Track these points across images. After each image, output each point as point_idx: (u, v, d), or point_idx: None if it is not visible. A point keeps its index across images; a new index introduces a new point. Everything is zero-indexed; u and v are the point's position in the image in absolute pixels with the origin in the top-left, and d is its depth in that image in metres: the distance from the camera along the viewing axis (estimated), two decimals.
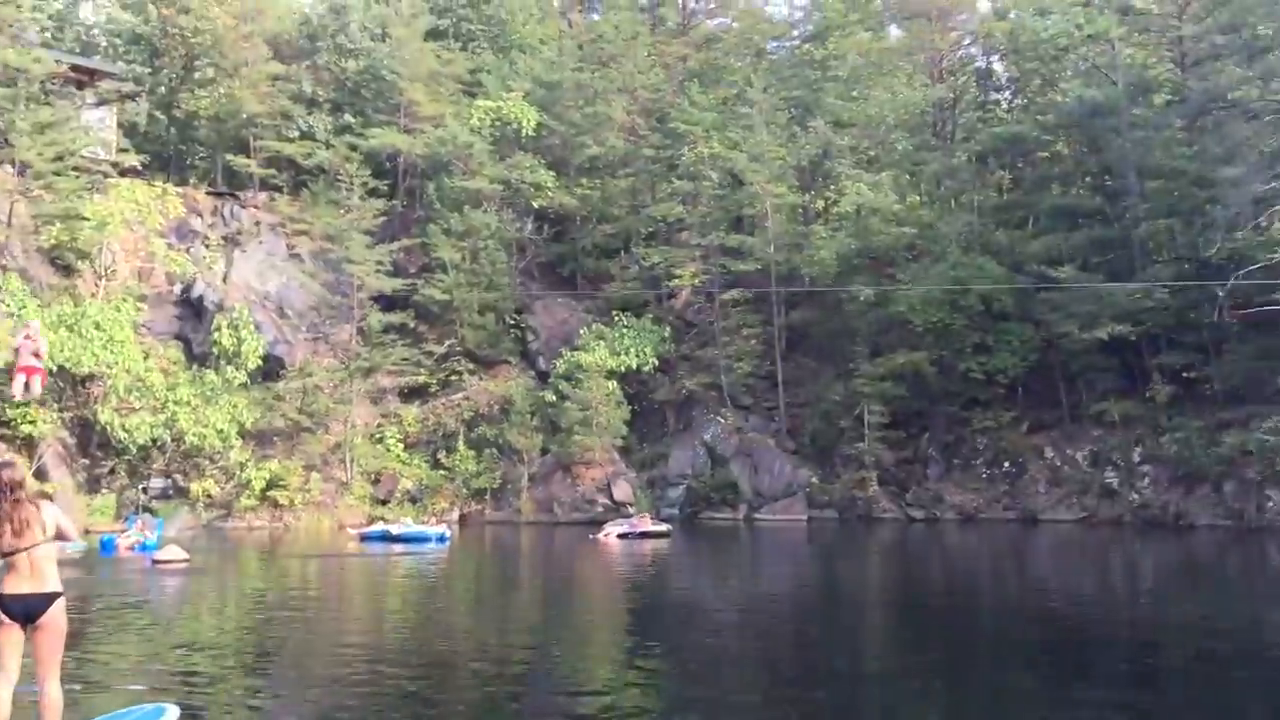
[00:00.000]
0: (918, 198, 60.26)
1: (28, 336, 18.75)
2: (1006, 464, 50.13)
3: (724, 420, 52.70)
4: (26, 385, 19.06)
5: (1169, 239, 48.48)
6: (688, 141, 56.32)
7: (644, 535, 40.37)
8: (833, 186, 59.64)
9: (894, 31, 67.54)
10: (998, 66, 63.53)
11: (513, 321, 55.06)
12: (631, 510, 46.54)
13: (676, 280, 55.16)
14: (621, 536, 39.84)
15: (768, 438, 52.52)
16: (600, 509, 47.92)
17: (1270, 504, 41.54)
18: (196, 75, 57.00)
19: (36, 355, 18.60)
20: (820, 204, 62.58)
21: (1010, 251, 51.45)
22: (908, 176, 58.66)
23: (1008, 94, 64.26)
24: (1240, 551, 35.86)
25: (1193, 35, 50.54)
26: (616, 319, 53.62)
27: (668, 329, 54.38)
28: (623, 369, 51.19)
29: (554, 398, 50.18)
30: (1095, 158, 53.67)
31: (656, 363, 52.82)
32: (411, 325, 52.62)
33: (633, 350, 51.85)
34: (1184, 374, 45.81)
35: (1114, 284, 45.79)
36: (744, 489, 50.76)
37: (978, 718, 13.51)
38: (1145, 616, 22.66)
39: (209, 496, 45.45)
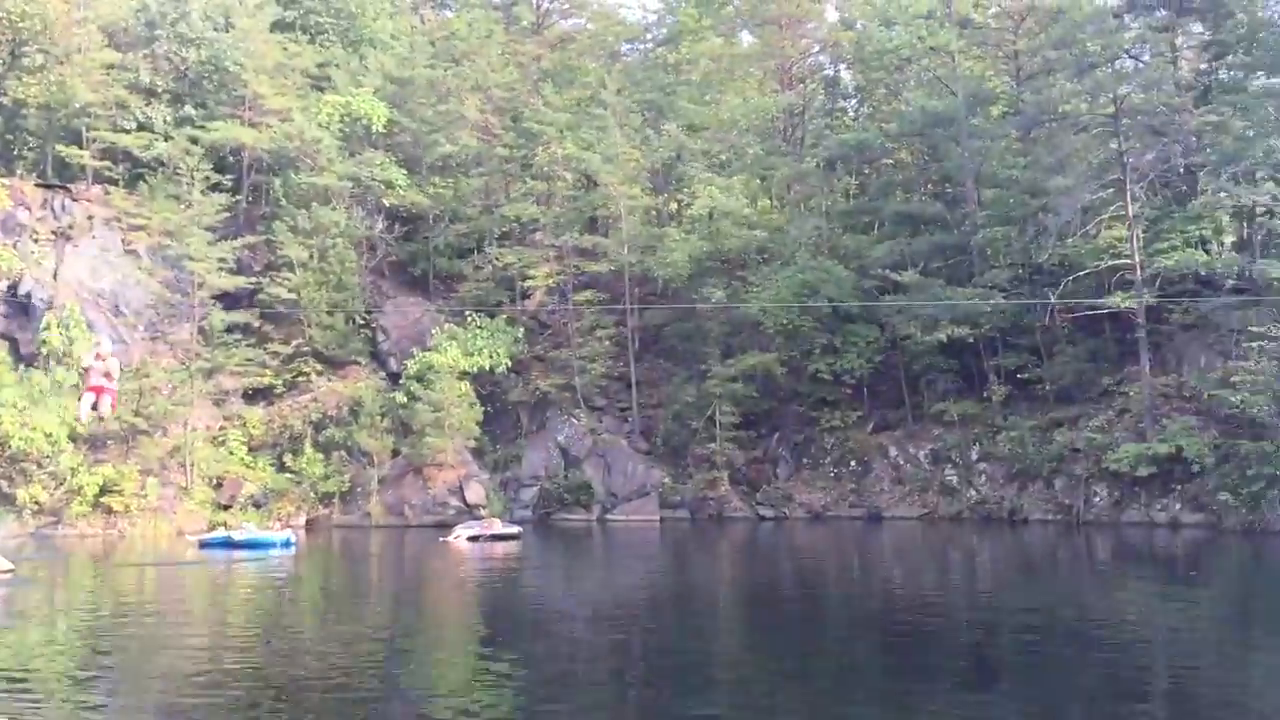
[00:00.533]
0: (768, 202, 61.32)
1: (98, 356, 18.07)
2: (853, 463, 51.38)
3: (577, 421, 52.65)
4: (94, 405, 18.32)
5: (1005, 245, 50.45)
6: (541, 141, 56.06)
7: (495, 538, 40.02)
8: (685, 189, 60.12)
9: (745, 38, 68.48)
10: (845, 75, 65.19)
11: (362, 321, 53.88)
12: (483, 512, 46.09)
13: (530, 281, 54.79)
14: (472, 539, 39.41)
15: (621, 438, 52.68)
16: (453, 511, 47.29)
17: (1097, 499, 43.61)
18: (25, 61, 54.05)
19: (107, 376, 17.92)
20: (673, 206, 63.08)
21: (856, 255, 52.74)
22: (759, 181, 59.63)
23: (855, 102, 65.99)
24: (1069, 545, 37.58)
25: (1027, 50, 52.75)
26: (469, 319, 52.98)
27: (521, 330, 54.01)
28: (475, 370, 50.61)
29: (405, 399, 49.33)
30: (936, 166, 55.56)
31: (510, 363, 52.40)
32: (256, 325, 51.03)
33: (486, 351, 51.32)
34: (1018, 375, 47.70)
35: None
36: (597, 490, 50.81)
37: (827, 714, 13.75)
38: (983, 609, 23.51)
39: (37, 503, 43.21)
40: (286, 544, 37.96)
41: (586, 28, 69.00)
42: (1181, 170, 46.79)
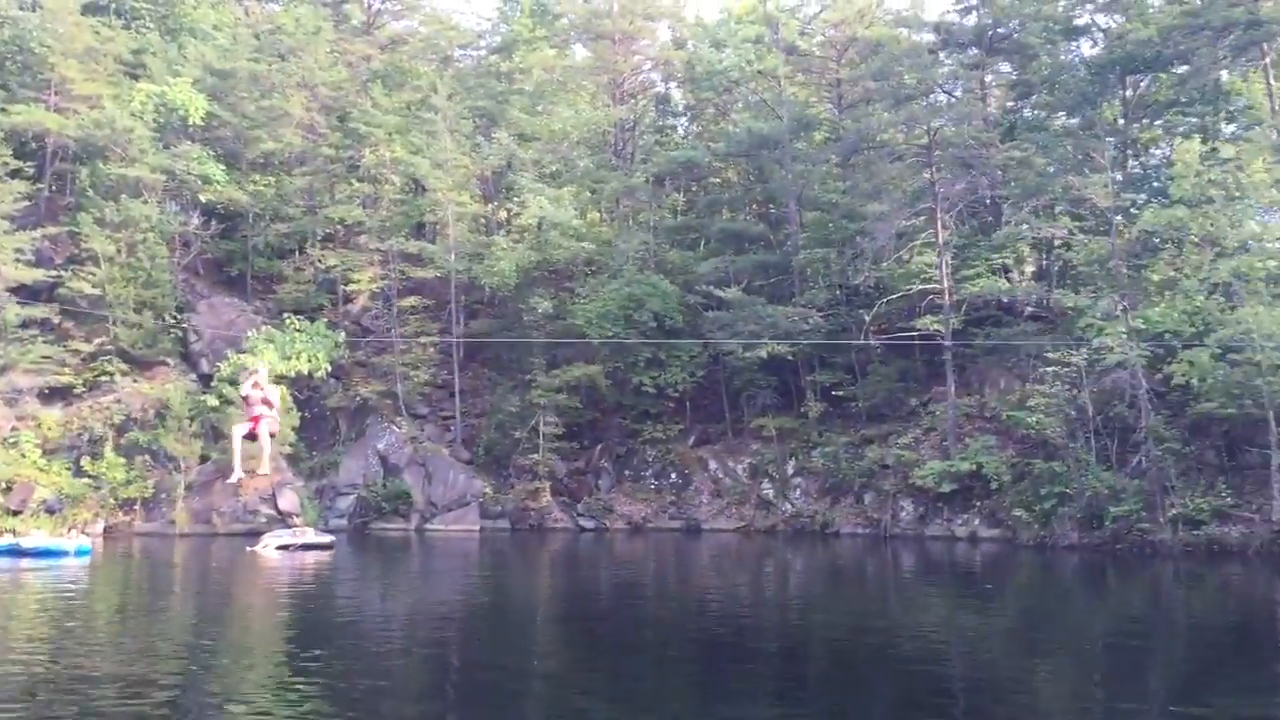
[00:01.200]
0: (597, 214, 61.66)
1: (256, 385, 16.45)
2: (674, 475, 52.10)
3: (398, 429, 51.74)
4: (252, 435, 16.67)
5: (824, 266, 52.01)
6: (369, 143, 55.01)
7: (306, 547, 38.92)
8: (515, 198, 59.94)
9: (579, 51, 68.85)
10: (676, 93, 66.23)
11: (173, 320, 51.54)
12: (297, 520, 44.76)
13: (353, 285, 53.69)
14: (281, 548, 38.23)
15: (442, 447, 52.02)
16: (264, 519, 45.71)
17: (903, 513, 45.37)
18: None
19: (266, 403, 16.37)
20: (502, 215, 62.79)
21: (682, 271, 53.62)
22: (589, 193, 59.89)
23: (684, 120, 67.08)
24: (877, 557, 38.93)
25: (849, 79, 54.74)
26: (288, 322, 51.42)
27: (342, 334, 52.67)
28: (293, 374, 49.13)
29: (216, 402, 47.44)
30: (761, 187, 56.97)
31: (329, 369, 51.08)
32: (55, 320, 48.23)
33: (304, 355, 49.86)
34: (834, 392, 49.23)
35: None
36: (416, 499, 49.99)
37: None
38: (794, 620, 24.13)
39: None
40: (81, 552, 36.06)
41: (419, 31, 68.06)
42: (988, 202, 49.26)
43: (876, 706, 14.72)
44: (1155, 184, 47.08)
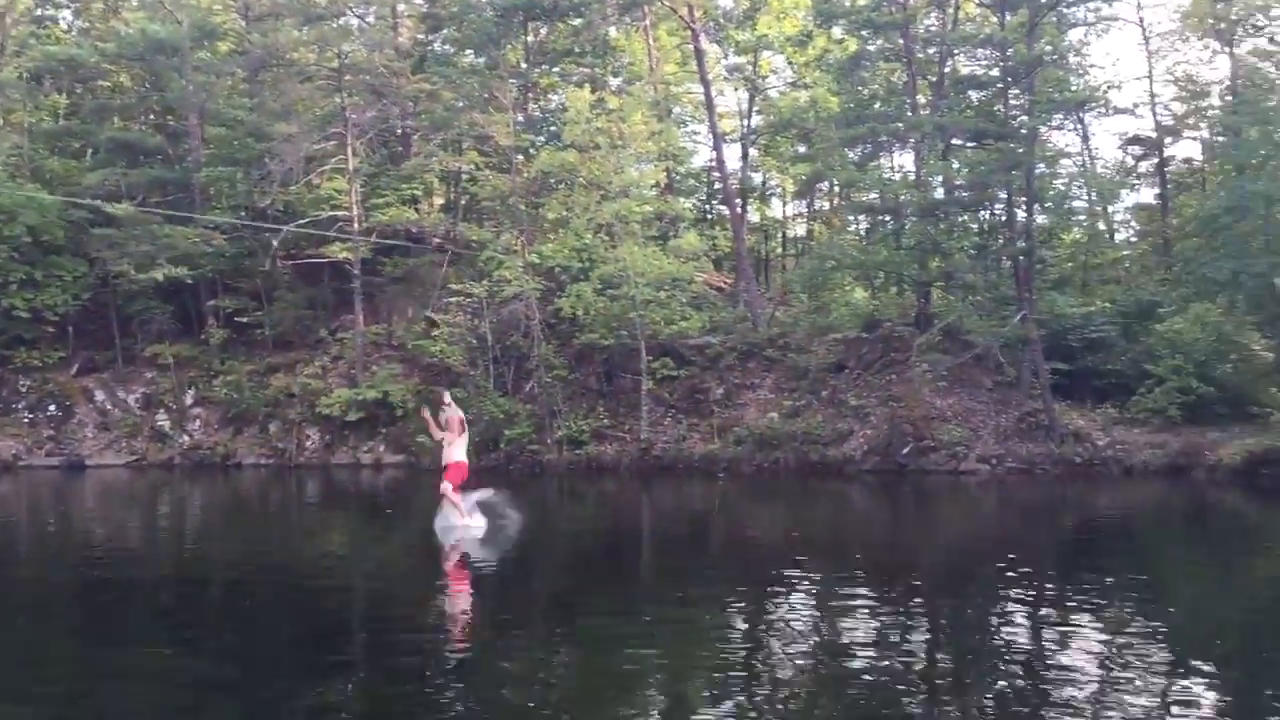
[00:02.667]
0: None
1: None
2: (53, 407, 47.29)
3: None
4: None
5: (229, 186, 49.66)
6: None
7: None
8: None
9: None
10: None
11: None
12: None
13: None
14: None
15: None
16: None
17: (309, 442, 45.03)
18: None
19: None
20: None
21: (64, 182, 48.40)
22: None
23: (69, 13, 60.14)
24: (281, 488, 38.40)
25: None
26: None
27: None
28: None
29: None
30: (159, 95, 52.77)
31: None
32: None
33: None
34: (238, 318, 47.41)
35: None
36: None
37: (9, 694, 12.41)
38: (190, 559, 23.05)
39: None
40: None
41: None
42: (399, 132, 49.76)
43: (276, 640, 14.48)
44: (552, 128, 50.43)
